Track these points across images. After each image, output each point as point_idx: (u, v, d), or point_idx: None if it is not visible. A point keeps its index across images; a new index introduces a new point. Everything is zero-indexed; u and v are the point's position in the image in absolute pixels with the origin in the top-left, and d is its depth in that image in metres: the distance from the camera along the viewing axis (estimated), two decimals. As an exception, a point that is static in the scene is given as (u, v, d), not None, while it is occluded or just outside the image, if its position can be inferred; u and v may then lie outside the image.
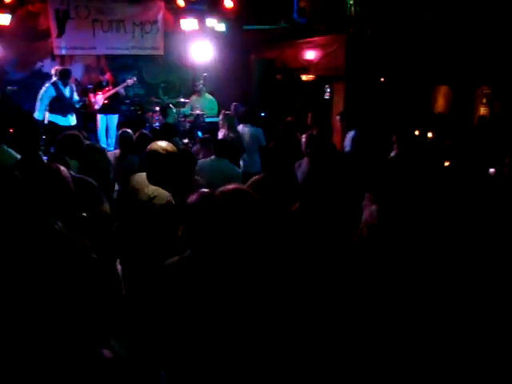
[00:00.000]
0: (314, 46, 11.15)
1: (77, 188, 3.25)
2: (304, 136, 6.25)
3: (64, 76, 9.66)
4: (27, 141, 9.56)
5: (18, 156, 5.88)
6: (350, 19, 10.22)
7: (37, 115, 9.58)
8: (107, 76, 11.11)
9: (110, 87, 10.89)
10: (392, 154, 5.95)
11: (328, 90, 11.21)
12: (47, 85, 9.61)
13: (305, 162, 5.80)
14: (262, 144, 8.07)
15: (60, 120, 9.61)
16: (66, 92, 9.70)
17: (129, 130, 6.78)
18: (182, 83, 12.76)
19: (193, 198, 2.51)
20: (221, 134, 8.09)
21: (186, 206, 2.49)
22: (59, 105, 9.55)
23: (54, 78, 9.71)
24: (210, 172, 5.47)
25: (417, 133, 9.27)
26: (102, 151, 6.41)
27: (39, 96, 9.56)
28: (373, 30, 10.03)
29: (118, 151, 6.78)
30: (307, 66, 11.30)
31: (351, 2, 10.15)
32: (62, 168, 3.17)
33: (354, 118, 8.24)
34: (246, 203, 2.63)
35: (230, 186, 2.74)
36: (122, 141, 6.66)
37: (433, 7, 9.97)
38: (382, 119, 9.47)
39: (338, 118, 8.52)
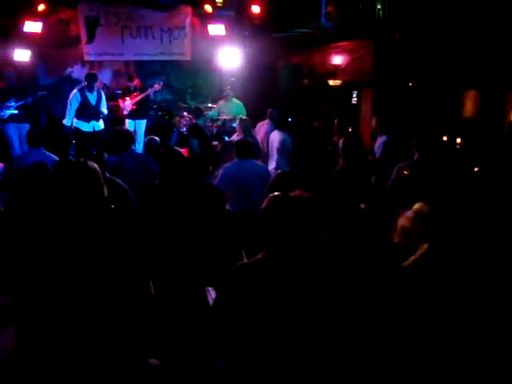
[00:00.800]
0: (341, 51, 11.30)
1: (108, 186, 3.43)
2: (341, 140, 6.30)
3: (89, 80, 9.81)
4: (57, 146, 10.07)
5: (54, 157, 6.49)
6: (377, 24, 10.33)
7: (65, 121, 9.81)
8: (135, 82, 11.30)
9: (138, 93, 11.10)
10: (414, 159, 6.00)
11: (355, 96, 11.32)
12: (74, 91, 9.84)
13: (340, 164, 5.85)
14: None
15: (84, 126, 9.82)
16: (92, 98, 9.86)
17: (156, 138, 6.93)
18: (209, 88, 13.00)
19: (265, 202, 2.59)
20: (236, 138, 8.20)
21: (259, 210, 2.59)
22: (84, 111, 9.75)
23: (83, 84, 9.93)
24: (243, 173, 5.71)
25: (445, 138, 9.21)
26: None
27: (68, 102, 9.81)
28: (401, 35, 10.12)
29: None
30: (334, 71, 11.43)
31: (379, 7, 10.26)
32: (90, 162, 3.32)
33: (386, 123, 8.26)
34: (312, 207, 2.74)
35: (296, 192, 2.80)
36: (149, 149, 6.80)
37: (462, 10, 9.99)
38: (410, 124, 9.45)
39: (373, 122, 8.52)
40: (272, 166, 8.20)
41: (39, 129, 10.15)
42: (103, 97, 10.15)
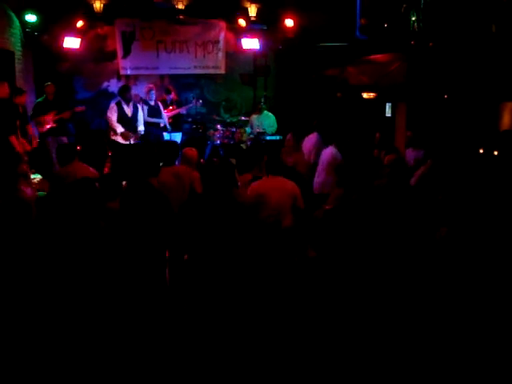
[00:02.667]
0: (375, 64, 11.39)
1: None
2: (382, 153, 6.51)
3: (122, 92, 10.08)
4: (93, 158, 10.11)
5: (92, 169, 6.70)
6: (411, 36, 10.39)
7: (112, 134, 10.05)
8: (172, 95, 11.67)
9: (174, 106, 11.47)
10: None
11: (389, 108, 11.44)
12: (111, 104, 10.11)
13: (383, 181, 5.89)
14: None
15: (121, 138, 10.02)
16: (128, 110, 10.05)
17: (192, 148, 7.09)
18: (242, 101, 13.31)
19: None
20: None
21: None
22: (121, 123, 9.94)
23: (118, 98, 10.17)
24: (273, 191, 5.76)
25: (481, 151, 9.33)
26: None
27: (107, 116, 10.07)
28: (435, 46, 10.17)
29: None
30: (368, 84, 11.50)
31: (413, 19, 10.33)
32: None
33: (421, 136, 8.41)
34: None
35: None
36: (184, 157, 6.94)
37: (499, 21, 9.92)
38: (446, 137, 9.61)
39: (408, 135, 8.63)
40: (320, 178, 8.36)
41: (77, 141, 10.77)
42: (140, 110, 10.35)
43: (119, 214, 4.13)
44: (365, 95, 11.59)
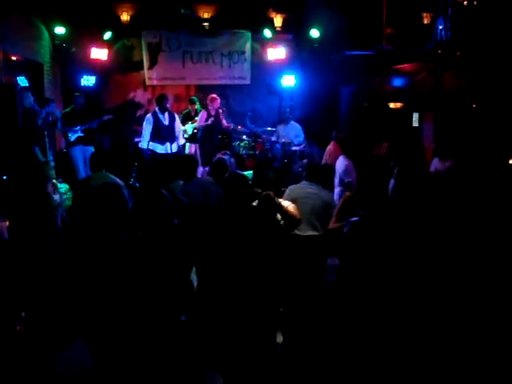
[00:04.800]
0: (401, 73, 11.69)
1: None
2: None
3: (159, 101, 10.04)
4: (119, 168, 10.23)
5: (118, 180, 6.50)
6: (439, 45, 10.61)
7: (141, 144, 10.13)
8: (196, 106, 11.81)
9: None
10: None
11: (416, 118, 11.62)
12: (148, 115, 10.14)
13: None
14: (344, 179, 8.28)
15: (158, 148, 10.04)
16: (165, 120, 10.00)
17: (225, 157, 7.09)
18: (268, 112, 13.47)
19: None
20: None
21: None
22: (157, 133, 9.95)
23: (155, 108, 10.16)
24: (307, 199, 5.78)
25: (511, 162, 9.37)
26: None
27: (143, 126, 10.12)
28: (463, 55, 10.33)
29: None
30: (395, 94, 11.83)
31: (441, 27, 10.57)
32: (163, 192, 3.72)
33: (449, 147, 8.39)
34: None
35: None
36: (217, 168, 6.64)
37: None
38: (474, 147, 9.61)
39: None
40: (337, 190, 8.44)
41: (103, 151, 10.82)
42: (177, 119, 10.27)
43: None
44: (391, 105, 11.96)
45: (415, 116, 11.70)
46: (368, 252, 2.55)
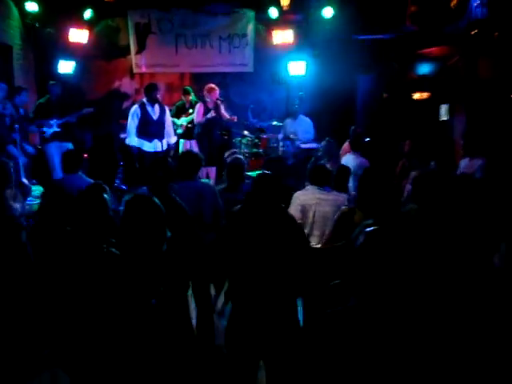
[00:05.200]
0: (428, 59, 11.23)
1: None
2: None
3: (148, 91, 9.59)
4: (102, 169, 10.24)
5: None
6: (473, 24, 9.92)
7: (127, 141, 9.69)
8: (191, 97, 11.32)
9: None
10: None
11: (445, 111, 11.08)
12: (134, 106, 9.73)
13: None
14: None
15: (145, 145, 9.66)
16: (154, 113, 9.63)
17: (241, 157, 6.77)
18: (274, 104, 12.99)
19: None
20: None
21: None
22: (145, 128, 9.56)
23: (143, 99, 9.75)
24: (317, 206, 5.77)
25: None
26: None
27: (128, 119, 9.69)
28: (502, 36, 9.64)
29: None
30: (420, 83, 11.36)
31: (476, 4, 9.80)
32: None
33: (480, 143, 7.90)
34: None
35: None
36: (235, 169, 6.46)
37: None
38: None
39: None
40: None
41: (77, 150, 10.31)
42: (167, 112, 9.93)
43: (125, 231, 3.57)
44: (416, 96, 11.55)
45: (444, 108, 11.10)
46: (388, 266, 2.54)
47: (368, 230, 2.61)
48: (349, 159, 8.15)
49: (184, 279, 3.80)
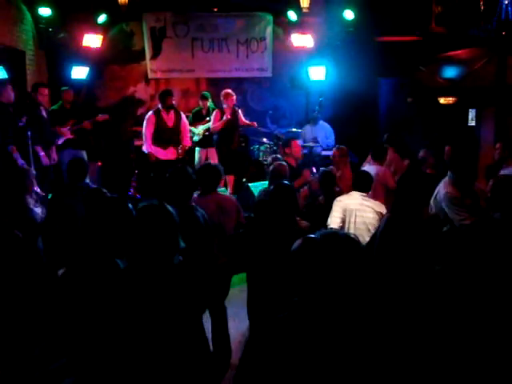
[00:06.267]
0: (455, 61, 11.16)
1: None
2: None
3: (162, 97, 9.57)
4: (116, 177, 10.43)
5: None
6: (503, 25, 9.90)
7: (144, 148, 9.67)
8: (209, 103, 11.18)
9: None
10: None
11: (473, 116, 11.14)
12: (149, 113, 9.72)
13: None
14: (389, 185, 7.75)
15: (160, 153, 9.61)
16: (169, 120, 9.62)
17: (283, 163, 6.82)
18: (293, 110, 12.97)
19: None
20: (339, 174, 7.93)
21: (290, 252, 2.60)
22: (159, 135, 9.55)
23: (159, 106, 9.74)
24: (361, 212, 5.80)
25: None
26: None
27: (143, 126, 9.68)
28: None
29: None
30: (447, 86, 11.19)
31: (506, 2, 9.77)
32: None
33: None
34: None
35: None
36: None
37: None
38: None
39: (497, 149, 7.81)
40: None
41: (96, 157, 10.65)
42: (184, 119, 9.88)
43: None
44: (442, 100, 11.37)
45: (472, 113, 11.20)
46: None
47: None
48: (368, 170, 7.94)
49: (199, 295, 3.51)
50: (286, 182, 4.89)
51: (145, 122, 9.55)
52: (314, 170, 9.96)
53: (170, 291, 3.06)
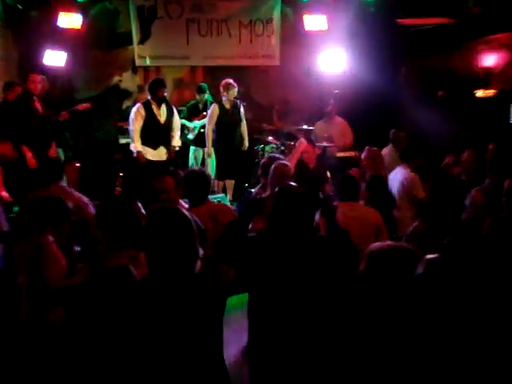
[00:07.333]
0: (494, 48, 11.10)
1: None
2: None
3: (153, 88, 9.43)
4: (99, 179, 10.30)
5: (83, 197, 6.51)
6: None
7: (132, 147, 9.54)
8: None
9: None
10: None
11: None
12: (137, 105, 9.66)
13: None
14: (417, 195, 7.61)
15: (149, 153, 9.56)
16: (160, 115, 9.50)
17: (287, 163, 6.53)
18: (303, 104, 12.59)
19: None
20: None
21: None
22: (149, 132, 9.45)
23: (148, 97, 9.70)
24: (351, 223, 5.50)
25: None
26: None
27: (129, 121, 9.58)
28: None
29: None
30: (484, 77, 11.16)
31: None
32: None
33: None
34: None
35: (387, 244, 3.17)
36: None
37: None
38: None
39: None
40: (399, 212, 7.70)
41: (74, 157, 10.81)
42: (176, 114, 9.79)
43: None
44: (479, 93, 11.32)
45: None
46: (452, 303, 2.60)
47: (430, 257, 2.65)
48: (398, 174, 7.93)
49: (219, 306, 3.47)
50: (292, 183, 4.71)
51: (132, 116, 9.40)
52: (329, 175, 9.63)
53: (192, 302, 3.13)
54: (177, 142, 9.77)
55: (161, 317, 3.11)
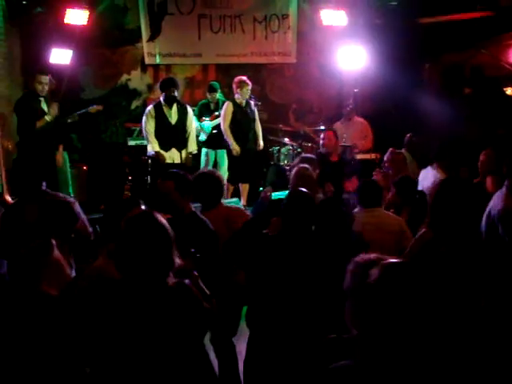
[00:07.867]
0: None
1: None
2: None
3: (164, 88, 9.38)
4: (107, 184, 10.24)
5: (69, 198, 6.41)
6: None
7: (149, 149, 9.50)
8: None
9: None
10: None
11: None
12: (149, 107, 9.67)
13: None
14: None
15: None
16: (171, 116, 9.45)
17: (307, 166, 6.66)
18: (322, 104, 12.69)
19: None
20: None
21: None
22: (160, 134, 9.43)
23: (160, 98, 9.69)
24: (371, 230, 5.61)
25: None
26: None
27: (142, 123, 9.59)
28: None
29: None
30: None
31: None
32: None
33: None
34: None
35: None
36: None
37: None
38: None
39: None
40: None
41: (81, 159, 10.88)
42: (190, 113, 9.72)
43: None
44: (509, 91, 11.33)
45: None
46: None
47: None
48: (428, 175, 7.91)
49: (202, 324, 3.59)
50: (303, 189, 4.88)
51: (144, 118, 9.43)
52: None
53: (159, 317, 3.16)
54: (192, 147, 9.75)
55: (127, 321, 3.16)
